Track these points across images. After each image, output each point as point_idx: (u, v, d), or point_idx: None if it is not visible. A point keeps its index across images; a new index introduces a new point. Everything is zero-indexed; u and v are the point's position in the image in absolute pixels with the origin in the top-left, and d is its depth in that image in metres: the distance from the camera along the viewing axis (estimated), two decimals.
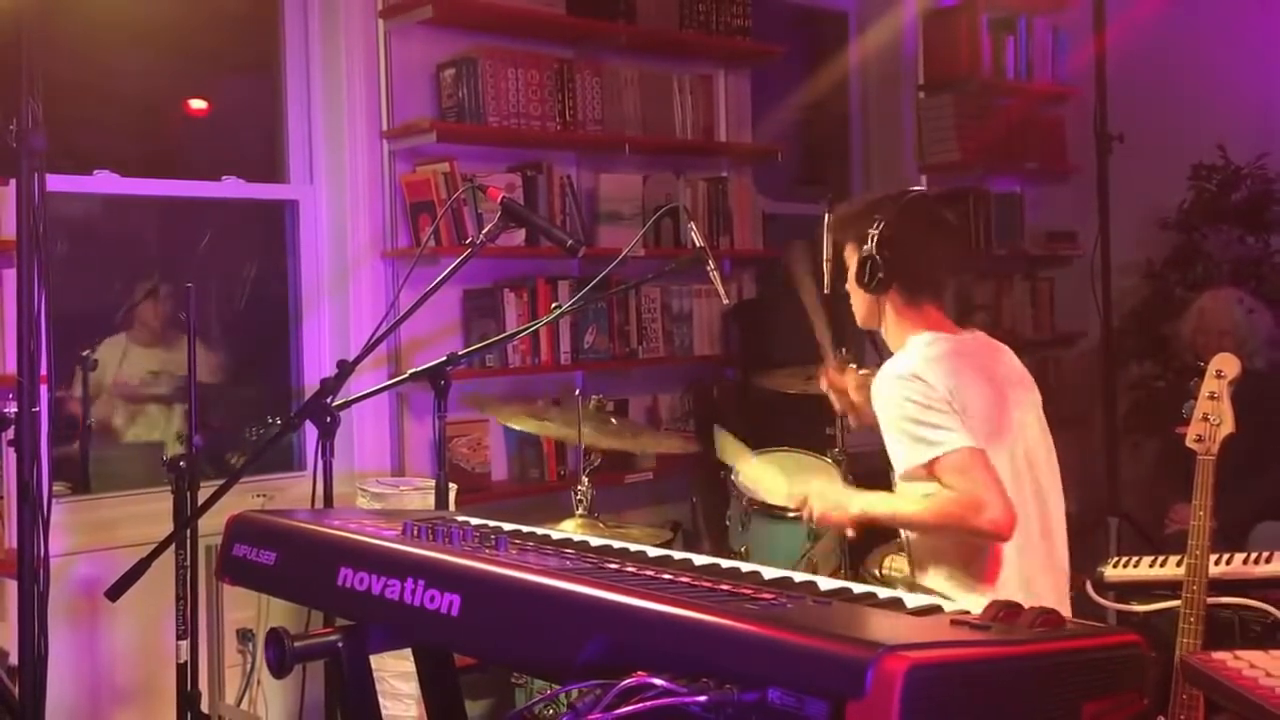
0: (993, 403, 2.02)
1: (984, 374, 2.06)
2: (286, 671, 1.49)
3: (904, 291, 2.11)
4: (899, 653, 0.95)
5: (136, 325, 3.35)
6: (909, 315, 2.12)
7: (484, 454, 3.47)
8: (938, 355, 2.02)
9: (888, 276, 2.08)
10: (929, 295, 2.13)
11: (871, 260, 2.08)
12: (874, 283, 2.09)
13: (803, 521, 2.43)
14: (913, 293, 2.11)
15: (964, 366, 2.03)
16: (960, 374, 2.00)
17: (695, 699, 0.99)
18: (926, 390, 1.95)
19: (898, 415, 1.96)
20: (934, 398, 1.94)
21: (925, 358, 2.01)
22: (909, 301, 2.11)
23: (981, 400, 2.00)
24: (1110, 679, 1.12)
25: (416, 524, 1.54)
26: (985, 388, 2.03)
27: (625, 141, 3.68)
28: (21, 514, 2.32)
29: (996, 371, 2.10)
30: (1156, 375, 4.37)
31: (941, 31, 4.62)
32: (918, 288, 2.11)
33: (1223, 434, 2.27)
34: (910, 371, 1.98)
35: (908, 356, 2.05)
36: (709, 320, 3.97)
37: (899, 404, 1.96)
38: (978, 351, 2.12)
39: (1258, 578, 2.52)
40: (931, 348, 2.04)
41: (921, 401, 1.94)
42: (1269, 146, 4.25)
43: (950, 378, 1.97)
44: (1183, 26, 4.35)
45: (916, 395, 1.95)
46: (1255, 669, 1.46)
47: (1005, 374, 2.12)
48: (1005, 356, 2.18)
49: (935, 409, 1.93)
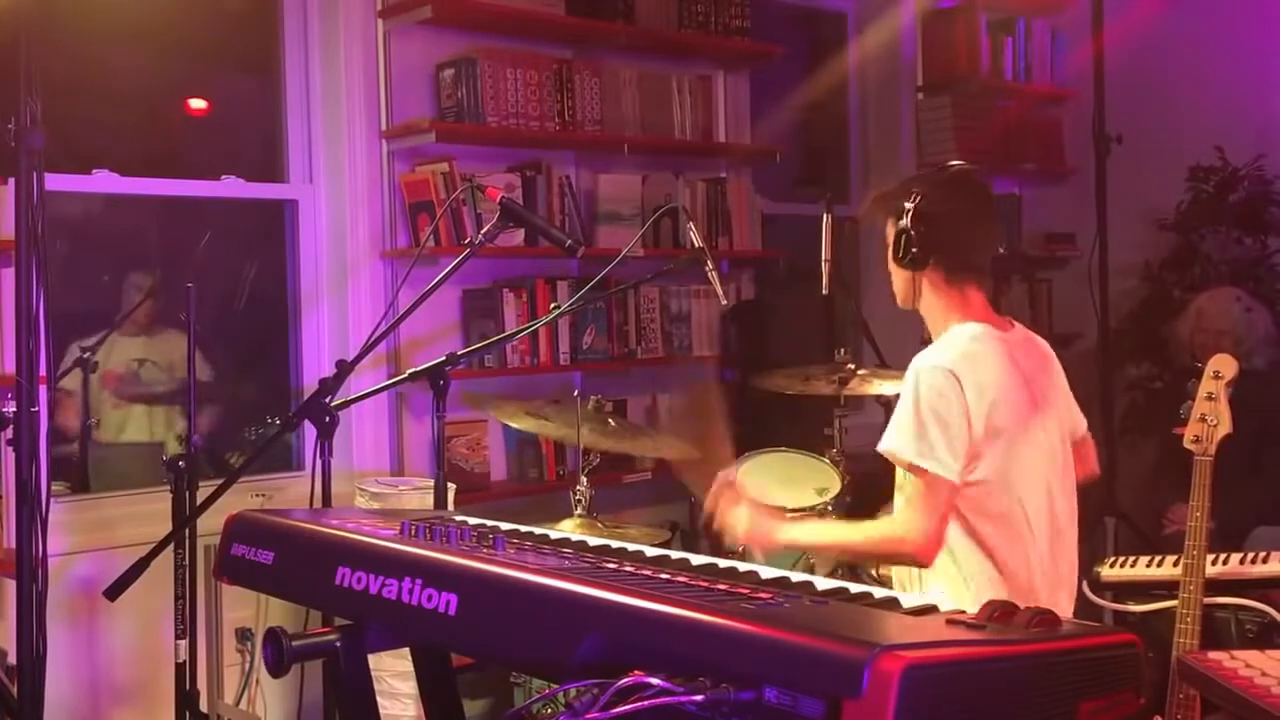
0: (1023, 406, 1.99)
1: (1020, 375, 2.01)
2: (284, 671, 1.49)
3: (943, 269, 2.04)
4: (895, 652, 0.95)
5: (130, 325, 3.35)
6: (950, 297, 2.05)
7: (483, 454, 3.48)
8: (979, 353, 1.97)
9: (923, 251, 2.02)
10: (970, 276, 2.06)
11: (907, 234, 2.02)
12: (909, 258, 2.03)
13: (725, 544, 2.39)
14: (952, 271, 2.04)
15: (1003, 367, 1.98)
16: (998, 376, 1.96)
17: (692, 698, 0.99)
18: (955, 399, 1.90)
19: (914, 405, 1.92)
20: (955, 411, 1.90)
21: (966, 354, 1.96)
22: (949, 280, 2.05)
23: (1012, 405, 1.97)
24: (1107, 678, 1.12)
25: (414, 523, 1.54)
26: (1019, 391, 1.99)
27: (624, 142, 3.69)
28: (20, 513, 2.32)
29: (1032, 372, 2.06)
30: (1154, 376, 4.37)
31: (940, 32, 4.62)
32: (957, 266, 2.05)
33: (1220, 435, 2.28)
34: (949, 366, 1.93)
35: (950, 347, 1.99)
36: (708, 320, 3.97)
37: (929, 394, 1.91)
38: (1018, 349, 2.06)
39: (1254, 578, 2.53)
40: (975, 343, 1.99)
41: (940, 409, 1.90)
42: (1266, 148, 4.25)
43: (986, 384, 1.93)
44: (1180, 28, 4.35)
45: (945, 399, 1.90)
46: (1251, 669, 1.47)
47: (1039, 373, 2.08)
48: (1038, 348, 2.13)
49: (951, 426, 1.90)
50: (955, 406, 1.91)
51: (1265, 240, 4.27)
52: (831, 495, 2.92)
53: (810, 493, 2.95)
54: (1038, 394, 2.04)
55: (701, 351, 3.94)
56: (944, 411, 1.90)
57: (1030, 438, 2.00)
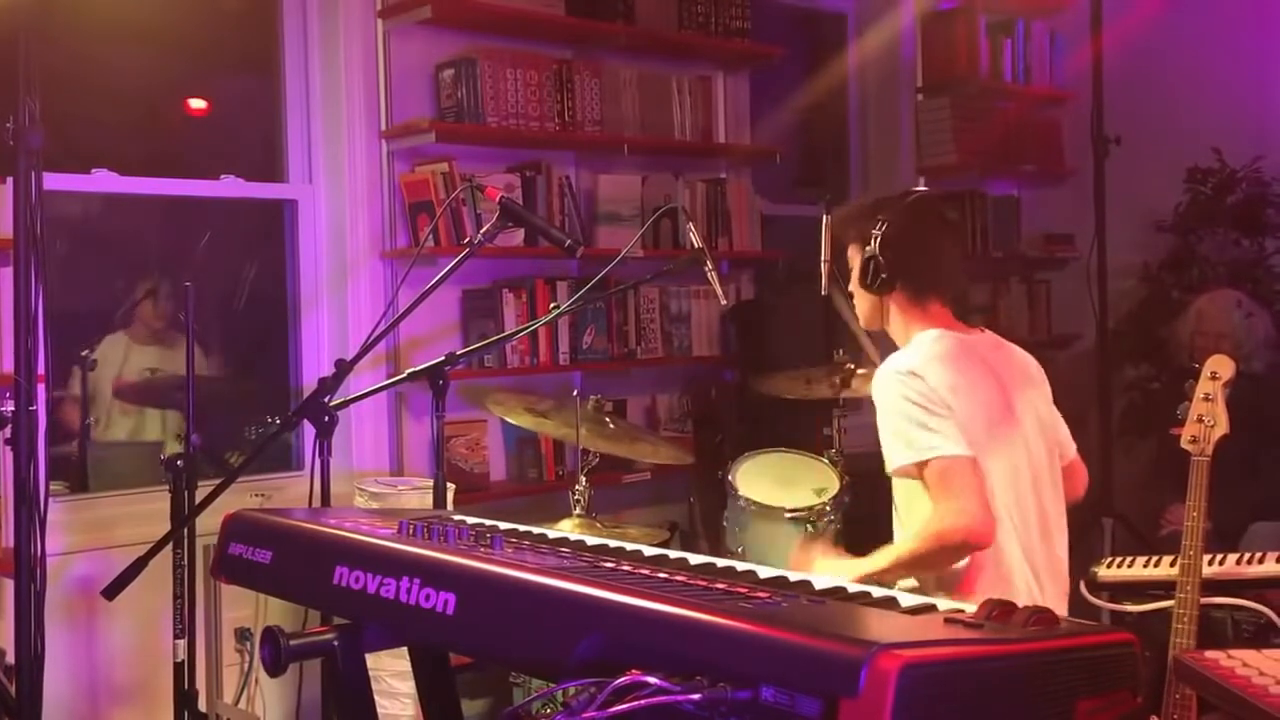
0: (995, 402, 2.01)
1: (990, 372, 2.05)
2: (282, 670, 1.49)
3: (908, 291, 2.09)
4: (893, 651, 0.95)
5: (136, 323, 3.36)
6: (914, 314, 2.11)
7: (482, 454, 3.48)
8: (941, 353, 2.01)
9: (891, 276, 2.07)
10: (934, 294, 2.11)
11: (875, 260, 2.08)
12: (877, 283, 2.08)
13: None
14: (917, 292, 2.10)
15: (968, 364, 2.02)
16: (964, 372, 1.99)
17: (689, 697, 0.99)
18: (924, 389, 1.94)
19: (894, 412, 1.96)
20: (932, 399, 1.93)
21: (928, 355, 2.00)
22: (914, 301, 2.10)
23: (984, 398, 2.00)
24: (1104, 677, 1.12)
25: (412, 523, 1.54)
26: (989, 386, 2.02)
27: (624, 142, 3.69)
28: (19, 513, 2.33)
29: (1003, 370, 2.09)
30: (1152, 377, 4.38)
31: (940, 34, 4.63)
32: (922, 287, 2.10)
33: (1217, 435, 2.28)
34: (909, 368, 1.97)
35: (910, 352, 2.04)
36: (707, 321, 3.98)
37: (897, 401, 1.95)
38: (984, 349, 2.10)
39: (1251, 578, 2.53)
40: (937, 344, 2.03)
41: (919, 401, 1.93)
42: (1264, 150, 4.26)
43: (951, 376, 1.97)
44: (1179, 30, 4.36)
45: (914, 394, 1.94)
46: (1248, 668, 1.46)
47: (1012, 372, 2.11)
48: (1013, 354, 2.17)
49: (932, 411, 1.93)
50: (927, 395, 1.94)
51: (1263, 242, 4.28)
52: (830, 495, 2.92)
53: (809, 493, 2.95)
54: (1008, 390, 2.06)
55: (701, 352, 3.95)
56: (923, 404, 1.93)
57: (1006, 430, 2.01)
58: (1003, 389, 2.05)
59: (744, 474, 2.98)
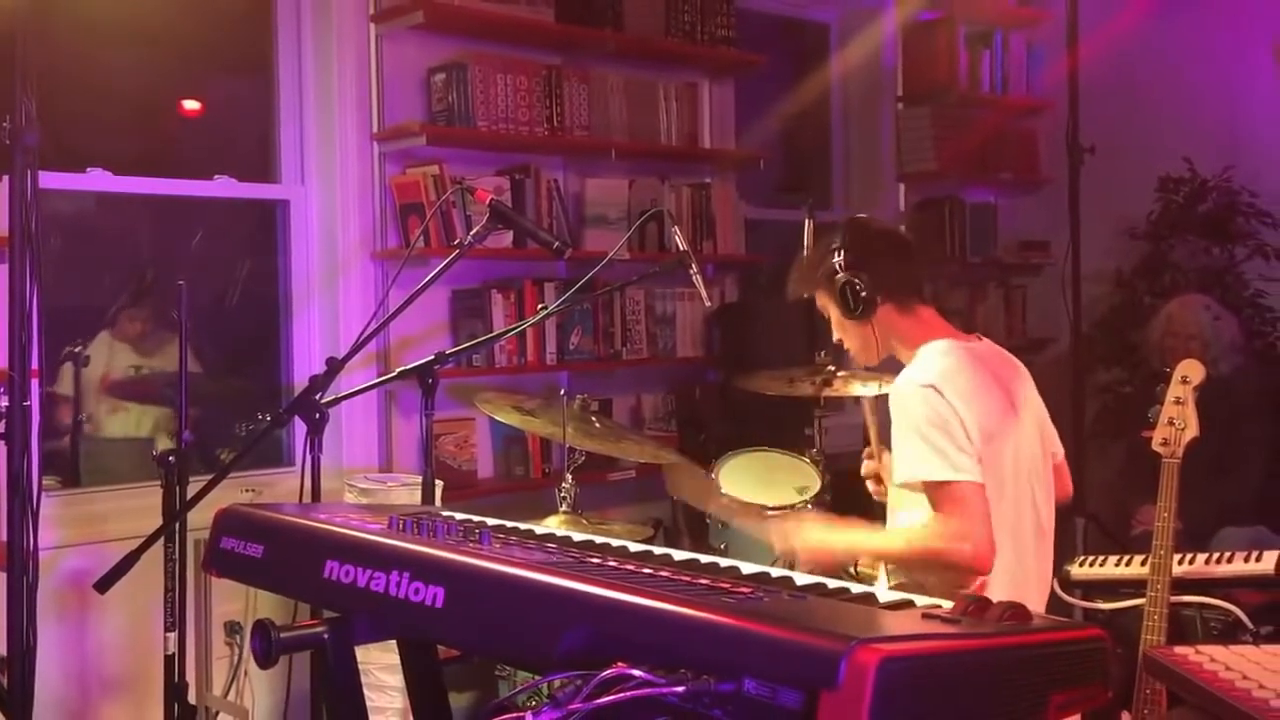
0: (1001, 412, 2.03)
1: (998, 382, 2.06)
2: (272, 662, 1.48)
3: (893, 301, 2.09)
4: (871, 644, 0.96)
5: (122, 322, 3.36)
6: (909, 325, 2.10)
7: (470, 451, 3.51)
8: (955, 366, 2.00)
9: (871, 291, 2.06)
10: (917, 298, 2.11)
11: (849, 284, 2.07)
12: (860, 305, 2.07)
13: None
14: (902, 300, 2.09)
15: (979, 376, 2.02)
16: (976, 387, 2.00)
17: (673, 689, 1.00)
18: (946, 410, 1.93)
19: (919, 423, 1.94)
20: (952, 420, 1.93)
21: (942, 369, 1.99)
22: (902, 311, 2.10)
23: (994, 405, 2.01)
24: (1076, 671, 1.13)
25: (402, 518, 1.54)
26: (997, 396, 2.04)
27: (612, 147, 3.72)
28: (12, 507, 2.34)
29: (1006, 376, 2.11)
30: (1124, 380, 4.43)
31: (920, 45, 4.69)
32: (904, 292, 2.09)
33: (1187, 438, 2.33)
34: (930, 382, 1.96)
35: (926, 364, 2.02)
36: (692, 323, 4.02)
37: (922, 413, 1.94)
38: (989, 360, 2.11)
39: (1219, 577, 2.59)
40: (947, 357, 2.02)
41: (941, 422, 1.93)
42: (1234, 160, 4.33)
43: (967, 391, 1.97)
44: (1152, 43, 4.44)
45: (938, 413, 1.93)
46: (1216, 663, 1.49)
47: (1013, 378, 2.13)
48: (1009, 360, 2.18)
49: (954, 433, 1.92)
50: (948, 416, 1.93)
51: (1232, 250, 4.34)
52: (811, 494, 2.98)
53: (790, 492, 3.00)
54: (1013, 396, 2.09)
55: (685, 353, 3.98)
56: (941, 423, 1.93)
57: (1013, 439, 2.03)
58: (1007, 396, 2.07)
59: (727, 473, 3.03)
